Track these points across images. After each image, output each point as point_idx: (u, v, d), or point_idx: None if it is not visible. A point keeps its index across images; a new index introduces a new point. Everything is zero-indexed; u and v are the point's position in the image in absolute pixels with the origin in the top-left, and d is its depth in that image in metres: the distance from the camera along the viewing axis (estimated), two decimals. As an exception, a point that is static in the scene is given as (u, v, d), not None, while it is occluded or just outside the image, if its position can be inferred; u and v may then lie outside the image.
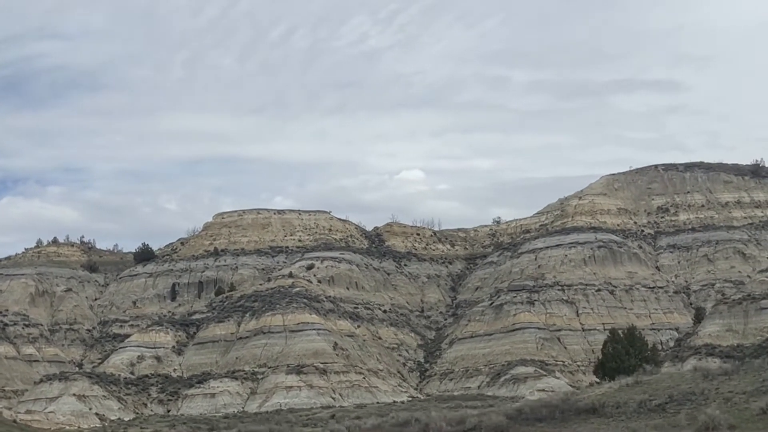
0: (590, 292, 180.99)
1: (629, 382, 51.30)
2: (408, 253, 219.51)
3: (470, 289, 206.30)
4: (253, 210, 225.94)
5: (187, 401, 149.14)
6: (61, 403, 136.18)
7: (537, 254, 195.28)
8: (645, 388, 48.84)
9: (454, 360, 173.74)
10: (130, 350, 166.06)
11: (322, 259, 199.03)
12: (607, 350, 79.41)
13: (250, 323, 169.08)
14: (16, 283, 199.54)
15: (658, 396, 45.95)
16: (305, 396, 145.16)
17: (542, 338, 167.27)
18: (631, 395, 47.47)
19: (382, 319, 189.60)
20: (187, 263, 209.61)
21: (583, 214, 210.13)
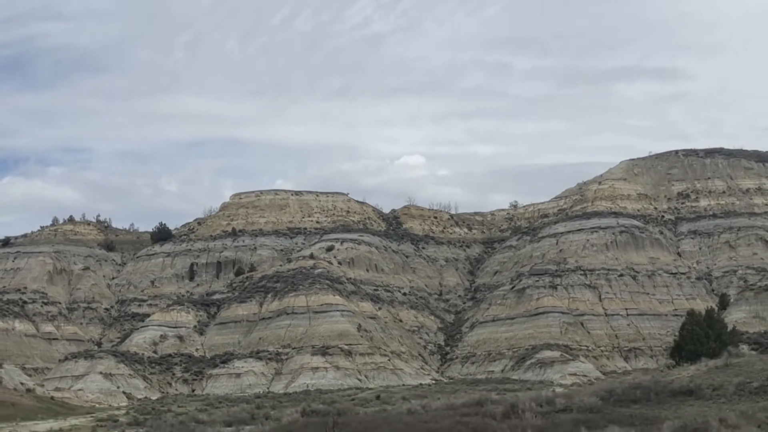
0: (613, 277, 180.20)
1: (719, 365, 50.41)
2: (426, 236, 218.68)
3: (489, 273, 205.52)
4: (271, 191, 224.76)
5: (212, 381, 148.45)
6: (89, 381, 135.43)
7: (558, 238, 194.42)
8: (737, 371, 47.97)
9: (476, 343, 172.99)
10: (152, 329, 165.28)
11: (341, 241, 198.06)
12: (685, 332, 78.35)
13: (272, 304, 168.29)
14: (34, 260, 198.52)
15: (755, 378, 45.12)
16: (332, 377, 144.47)
17: (566, 323, 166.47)
18: (726, 378, 46.63)
19: (402, 301, 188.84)
20: (205, 243, 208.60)
21: (603, 199, 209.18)
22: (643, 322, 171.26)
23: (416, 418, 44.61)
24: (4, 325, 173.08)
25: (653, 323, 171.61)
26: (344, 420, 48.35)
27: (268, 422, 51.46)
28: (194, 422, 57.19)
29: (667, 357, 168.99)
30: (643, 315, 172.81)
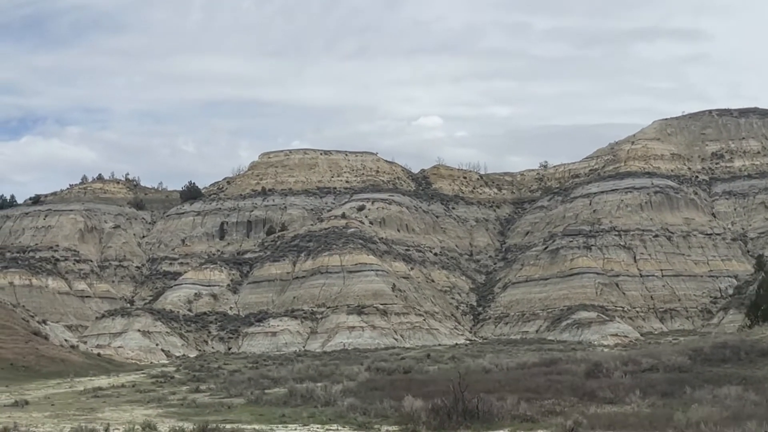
0: (647, 237, 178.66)
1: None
2: (455, 196, 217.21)
3: (520, 234, 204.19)
4: (300, 150, 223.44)
5: (248, 339, 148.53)
6: (128, 338, 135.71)
7: (591, 199, 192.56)
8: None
9: (509, 304, 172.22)
10: (186, 287, 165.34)
11: (372, 201, 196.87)
12: (763, 291, 76.85)
13: (306, 263, 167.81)
14: (65, 218, 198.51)
15: None
16: (368, 336, 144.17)
17: (601, 283, 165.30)
18: (819, 337, 45.47)
19: (433, 261, 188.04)
20: (235, 202, 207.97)
21: (636, 159, 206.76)
22: (678, 284, 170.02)
23: (507, 376, 43.67)
24: (37, 282, 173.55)
25: (689, 284, 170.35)
26: (425, 377, 47.41)
27: (343, 378, 50.65)
28: (264, 378, 56.47)
29: (702, 319, 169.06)
30: (679, 276, 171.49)
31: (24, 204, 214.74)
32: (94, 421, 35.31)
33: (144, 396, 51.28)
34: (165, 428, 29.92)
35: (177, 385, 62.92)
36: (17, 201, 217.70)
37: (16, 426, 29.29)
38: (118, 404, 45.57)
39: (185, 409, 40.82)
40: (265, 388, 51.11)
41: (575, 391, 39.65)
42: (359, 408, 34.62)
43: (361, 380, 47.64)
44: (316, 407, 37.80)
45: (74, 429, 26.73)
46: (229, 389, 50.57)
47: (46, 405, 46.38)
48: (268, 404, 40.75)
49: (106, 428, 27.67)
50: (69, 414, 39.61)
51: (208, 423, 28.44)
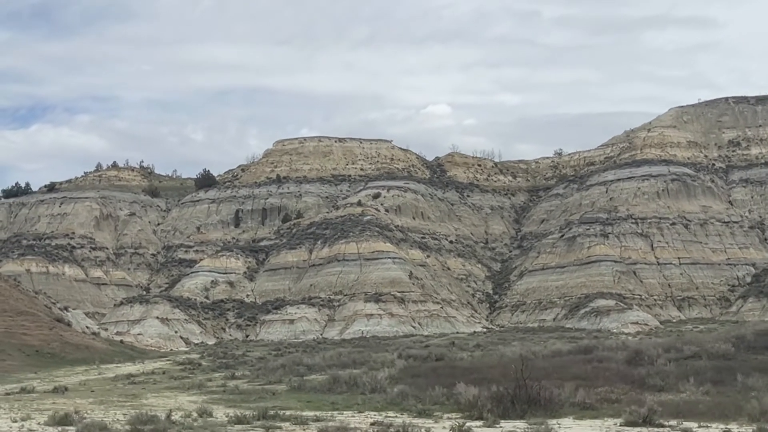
0: (665, 225, 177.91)
1: None
2: (470, 183, 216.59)
3: (535, 221, 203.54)
4: (314, 137, 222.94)
5: (266, 327, 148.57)
6: (147, 325, 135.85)
7: (608, 186, 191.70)
8: None
9: (525, 292, 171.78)
10: (202, 275, 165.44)
11: (387, 188, 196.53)
12: None
13: (322, 251, 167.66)
14: (80, 206, 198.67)
15: None
16: (386, 324, 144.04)
17: (618, 271, 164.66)
18: None
19: (449, 249, 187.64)
20: (250, 190, 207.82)
21: (653, 147, 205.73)
22: (696, 272, 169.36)
23: (551, 364, 43.27)
24: (54, 269, 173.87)
25: (706, 272, 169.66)
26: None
27: (380, 366, 50.28)
28: (297, 365, 56.19)
29: (720, 307, 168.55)
30: (696, 264, 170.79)
31: (39, 191, 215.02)
32: (142, 408, 35.06)
33: (180, 383, 51.09)
34: (220, 414, 29.64)
35: (208, 372, 62.76)
36: (32, 188, 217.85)
37: (77, 411, 29.07)
38: (158, 391, 45.37)
39: (229, 395, 40.58)
40: (302, 375, 50.83)
41: (623, 378, 39.24)
42: (411, 395, 34.30)
43: (400, 367, 47.25)
44: (364, 394, 37.49)
45: (136, 415, 26.43)
46: (267, 376, 50.32)
47: (84, 391, 46.21)
48: (312, 391, 40.48)
49: (168, 414, 27.39)
50: (113, 401, 39.41)
51: (267, 410, 28.17)
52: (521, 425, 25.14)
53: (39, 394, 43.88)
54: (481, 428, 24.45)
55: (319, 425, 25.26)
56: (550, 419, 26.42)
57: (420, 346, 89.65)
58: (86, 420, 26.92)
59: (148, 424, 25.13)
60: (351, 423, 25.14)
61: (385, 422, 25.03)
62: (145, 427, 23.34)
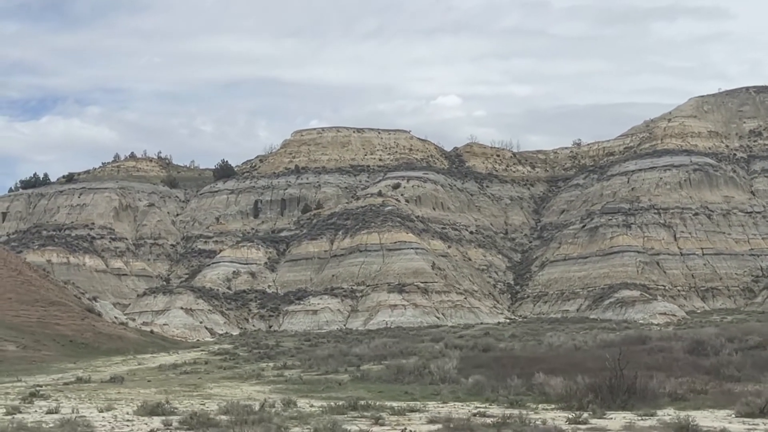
0: (687, 216, 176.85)
1: None
2: (489, 174, 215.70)
3: (555, 212, 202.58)
4: (333, 128, 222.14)
5: (288, 317, 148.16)
6: (171, 316, 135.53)
7: (629, 177, 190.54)
8: None
9: (547, 282, 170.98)
10: (224, 265, 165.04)
11: (407, 179, 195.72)
12: None
13: (344, 241, 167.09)
14: (99, 197, 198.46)
15: None
16: (410, 315, 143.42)
17: (642, 262, 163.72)
18: None
19: (469, 240, 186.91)
20: (269, 180, 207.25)
21: (673, 137, 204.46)
22: (719, 262, 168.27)
23: (614, 354, 42.47)
24: (75, 260, 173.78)
25: (730, 263, 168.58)
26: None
27: (429, 356, 49.67)
28: (345, 355, 55.62)
29: (744, 298, 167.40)
30: (720, 254, 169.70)
31: (57, 182, 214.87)
32: (211, 397, 34.54)
33: (232, 372, 50.56)
34: (303, 404, 29.06)
35: (251, 362, 62.20)
36: (50, 179, 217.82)
37: (168, 401, 28.51)
38: (215, 380, 44.82)
39: (292, 385, 40.01)
40: (356, 365, 50.26)
41: (696, 368, 38.52)
42: (487, 385, 33.68)
43: (455, 357, 46.56)
44: (434, 384, 36.87)
45: (230, 405, 25.84)
46: (320, 366, 49.73)
47: (140, 381, 45.70)
48: (377, 381, 39.88)
49: (262, 404, 26.77)
50: (177, 390, 38.87)
51: (357, 399, 27.54)
52: (630, 416, 24.45)
53: (97, 383, 43.39)
54: (594, 419, 23.75)
55: (421, 416, 24.65)
56: (650, 410, 25.70)
57: (454, 336, 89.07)
58: (175, 409, 26.39)
59: (238, 414, 24.51)
60: (452, 413, 24.50)
61: (487, 413, 24.38)
62: (249, 417, 22.74)
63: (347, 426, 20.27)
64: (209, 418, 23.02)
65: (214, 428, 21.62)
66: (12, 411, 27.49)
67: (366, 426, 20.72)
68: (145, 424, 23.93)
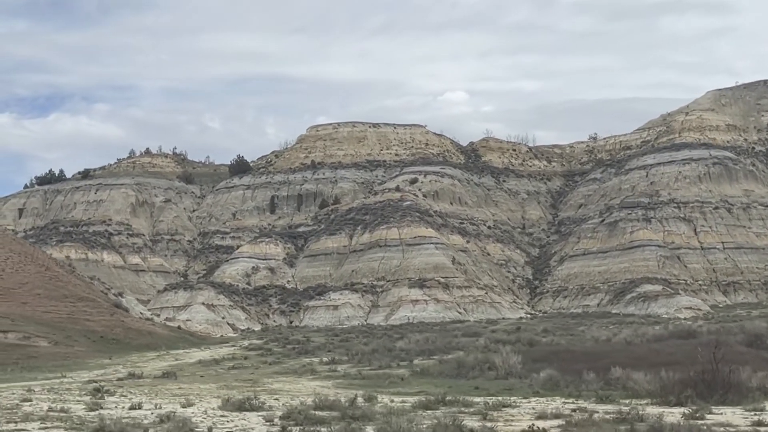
0: (707, 209, 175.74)
1: None
2: (505, 168, 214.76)
3: (573, 206, 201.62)
4: (348, 123, 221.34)
5: (309, 313, 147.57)
6: (194, 311, 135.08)
7: (648, 171, 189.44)
8: None
9: (567, 277, 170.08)
10: (243, 261, 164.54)
11: (424, 174, 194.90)
12: None
13: (363, 236, 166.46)
14: (116, 192, 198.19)
15: None
16: (432, 310, 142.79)
17: (663, 256, 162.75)
18: None
19: (487, 235, 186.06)
20: (285, 176, 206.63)
21: (691, 130, 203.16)
22: (740, 256, 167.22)
23: (676, 349, 41.90)
24: (93, 256, 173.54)
25: (751, 257, 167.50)
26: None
27: (473, 350, 49.04)
28: (390, 350, 55.10)
29: (766, 292, 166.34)
30: (740, 249, 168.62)
31: (73, 178, 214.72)
32: (281, 393, 33.98)
33: (279, 368, 50.02)
34: (384, 400, 28.47)
35: (293, 357, 61.66)
36: (66, 175, 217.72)
37: (256, 396, 27.95)
38: (269, 375, 44.26)
39: (353, 380, 39.46)
40: (403, 359, 49.68)
41: (766, 362, 37.84)
42: (560, 379, 33.07)
43: (510, 352, 45.86)
44: (502, 379, 36.26)
45: (318, 400, 25.28)
46: (370, 361, 49.13)
47: (191, 377, 45.17)
48: (439, 376, 39.29)
49: (352, 400, 26.18)
50: (236, 386, 38.32)
51: (445, 394, 26.94)
52: (738, 411, 23.80)
53: (150, 379, 42.87)
54: (709, 415, 23.07)
55: (516, 411, 24.04)
56: (758, 405, 25.02)
57: (486, 330, 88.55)
58: (263, 404, 25.81)
59: (332, 409, 23.96)
60: (546, 409, 23.87)
61: (588, 408, 23.75)
62: (348, 412, 22.13)
63: (466, 422, 19.62)
64: (310, 414, 22.38)
65: (321, 425, 20.99)
66: (93, 407, 26.96)
67: (477, 422, 20.06)
68: (243, 419, 23.35)
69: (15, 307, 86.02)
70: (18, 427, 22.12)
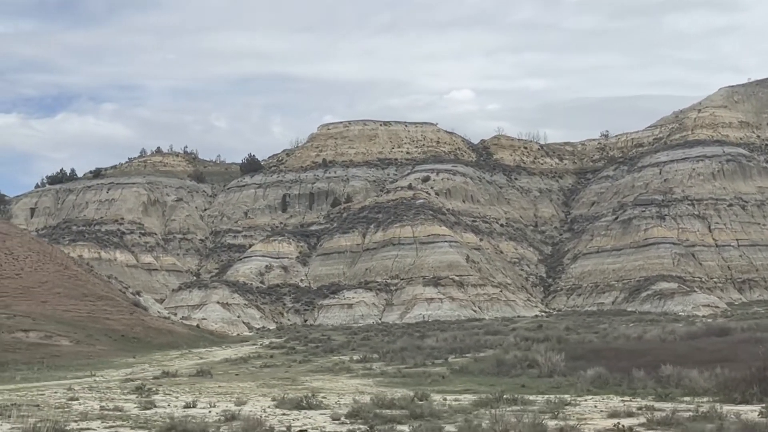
0: (722, 207, 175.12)
1: None
2: (517, 166, 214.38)
3: (585, 204, 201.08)
4: (359, 121, 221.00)
5: (324, 311, 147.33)
6: (209, 310, 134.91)
7: (661, 168, 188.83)
8: None
9: (581, 275, 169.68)
10: (256, 260, 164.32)
11: (436, 172, 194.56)
12: None
13: (376, 235, 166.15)
14: (128, 192, 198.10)
15: None
16: (447, 308, 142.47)
17: (677, 254, 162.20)
18: None
19: (500, 233, 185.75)
20: (296, 174, 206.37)
21: (704, 127, 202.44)
22: (755, 253, 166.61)
23: (714, 346, 41.45)
24: (106, 255, 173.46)
25: (765, 254, 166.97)
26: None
27: (505, 349, 48.62)
28: (419, 348, 54.68)
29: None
30: (755, 246, 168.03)
31: (84, 177, 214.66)
32: (323, 391, 33.60)
33: (312, 366, 49.62)
34: (439, 398, 28.07)
35: (321, 355, 61.24)
36: (77, 174, 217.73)
37: (314, 395, 27.60)
38: (303, 374, 43.86)
39: (394, 378, 39.07)
40: (435, 357, 49.29)
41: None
42: (609, 377, 32.65)
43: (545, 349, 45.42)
44: (545, 377, 35.83)
45: (378, 398, 24.90)
46: (403, 359, 48.71)
47: (225, 375, 44.80)
48: (480, 374, 38.89)
49: (414, 397, 25.76)
50: (275, 384, 37.95)
51: (503, 393, 26.58)
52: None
53: (187, 378, 42.53)
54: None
55: (580, 410, 23.57)
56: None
57: (507, 329, 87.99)
58: (320, 402, 25.46)
59: (392, 408, 23.57)
60: (616, 407, 23.43)
61: (655, 407, 23.34)
62: (416, 411, 21.72)
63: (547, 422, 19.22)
64: (378, 412, 21.98)
65: (393, 423, 20.55)
66: (147, 405, 26.60)
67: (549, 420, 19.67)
68: (309, 418, 22.95)
69: (35, 305, 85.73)
70: (81, 426, 21.77)
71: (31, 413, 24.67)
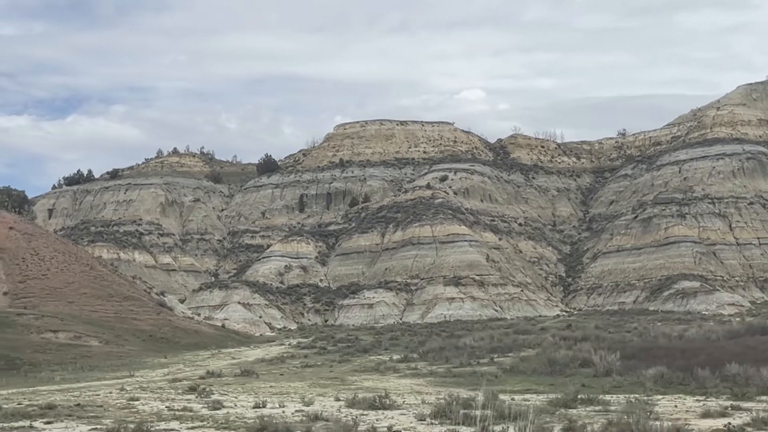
0: (742, 205, 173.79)
1: None
2: (534, 165, 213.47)
3: (604, 203, 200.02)
4: (376, 121, 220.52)
5: (344, 311, 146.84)
6: (230, 310, 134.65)
7: (681, 166, 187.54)
8: None
9: (601, 274, 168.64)
10: (275, 260, 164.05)
11: (454, 171, 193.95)
12: None
13: (395, 234, 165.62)
14: (146, 192, 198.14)
15: None
16: (469, 308, 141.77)
17: (699, 252, 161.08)
18: None
19: (519, 232, 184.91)
20: (314, 174, 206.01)
21: (723, 125, 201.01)
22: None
23: (763, 345, 40.86)
24: (125, 256, 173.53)
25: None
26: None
27: (544, 349, 48.11)
28: (458, 347, 54.15)
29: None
30: None
31: (102, 178, 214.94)
32: (377, 391, 33.11)
33: (353, 365, 49.21)
34: (507, 398, 27.57)
35: (357, 354, 60.83)
36: (94, 175, 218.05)
37: (387, 395, 27.14)
38: (348, 373, 43.46)
39: (445, 378, 38.62)
40: (478, 357, 48.78)
41: None
42: (672, 376, 32.11)
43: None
44: (602, 376, 35.29)
45: (452, 397, 24.45)
46: (445, 360, 48.23)
47: (270, 375, 44.42)
48: (533, 373, 38.37)
49: (488, 398, 25.26)
50: (326, 383, 37.55)
51: (577, 392, 26.09)
52: None
53: (234, 378, 42.16)
54: None
55: (660, 410, 23.06)
56: None
57: (535, 329, 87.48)
58: (393, 402, 25.02)
59: (467, 408, 23.09)
60: (707, 407, 22.92)
61: (742, 407, 22.80)
62: (500, 411, 21.22)
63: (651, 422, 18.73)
64: (463, 412, 21.51)
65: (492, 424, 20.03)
66: (215, 406, 26.20)
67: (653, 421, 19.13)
68: (391, 419, 22.50)
69: (63, 306, 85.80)
70: (162, 427, 21.37)
71: (98, 413, 24.30)
